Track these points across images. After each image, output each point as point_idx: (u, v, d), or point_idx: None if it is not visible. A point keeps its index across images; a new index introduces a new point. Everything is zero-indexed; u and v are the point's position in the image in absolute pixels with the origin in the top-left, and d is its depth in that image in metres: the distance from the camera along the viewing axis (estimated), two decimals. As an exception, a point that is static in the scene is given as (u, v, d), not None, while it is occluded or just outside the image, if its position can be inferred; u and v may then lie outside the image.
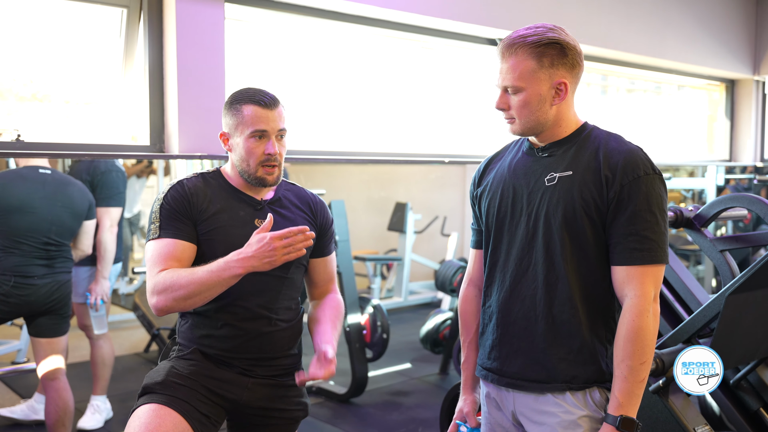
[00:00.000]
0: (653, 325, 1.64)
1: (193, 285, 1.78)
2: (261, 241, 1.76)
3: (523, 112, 1.71)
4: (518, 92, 1.70)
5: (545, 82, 1.69)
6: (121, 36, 3.06)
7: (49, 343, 3.30)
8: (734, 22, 5.82)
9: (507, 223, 1.80)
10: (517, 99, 1.71)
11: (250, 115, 1.92)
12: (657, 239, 1.65)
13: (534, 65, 1.67)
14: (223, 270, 1.78)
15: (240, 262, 1.76)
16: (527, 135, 1.77)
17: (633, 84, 5.86)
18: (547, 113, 1.72)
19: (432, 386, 4.88)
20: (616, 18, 4.85)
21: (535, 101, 1.70)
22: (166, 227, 1.89)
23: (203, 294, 1.80)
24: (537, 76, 1.68)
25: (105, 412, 3.97)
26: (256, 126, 1.92)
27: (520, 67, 1.68)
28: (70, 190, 3.38)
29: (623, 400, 1.64)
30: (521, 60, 1.68)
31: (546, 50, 1.67)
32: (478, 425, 1.92)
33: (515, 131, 1.77)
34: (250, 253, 1.76)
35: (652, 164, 1.69)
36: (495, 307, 1.82)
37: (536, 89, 1.69)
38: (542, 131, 1.75)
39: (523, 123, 1.73)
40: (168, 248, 1.87)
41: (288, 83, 3.68)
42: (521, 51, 1.68)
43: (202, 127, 3.05)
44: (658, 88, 6.09)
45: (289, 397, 2.04)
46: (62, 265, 3.34)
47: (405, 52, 4.22)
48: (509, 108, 1.73)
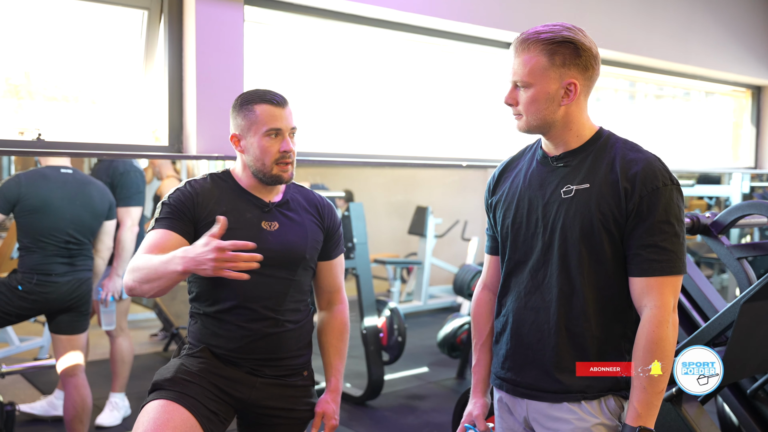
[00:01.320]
0: (672, 336, 1.63)
1: (147, 269, 1.75)
2: (205, 245, 1.66)
3: (531, 109, 1.70)
4: (527, 88, 1.69)
5: (555, 81, 1.67)
6: (141, 37, 3.11)
7: (69, 340, 3.34)
8: (760, 28, 5.74)
9: (522, 234, 1.79)
10: (526, 95, 1.70)
11: (263, 114, 1.94)
12: (676, 250, 1.64)
13: (545, 62, 1.66)
14: (168, 262, 1.71)
15: (182, 260, 1.69)
16: (533, 133, 1.76)
17: (661, 90, 5.81)
18: (555, 113, 1.70)
19: (448, 390, 4.87)
20: (640, 23, 4.82)
21: (543, 99, 1.68)
22: (162, 220, 1.91)
23: (156, 282, 1.74)
24: (547, 74, 1.67)
25: (123, 410, 4.02)
26: (271, 124, 1.94)
27: (531, 62, 1.67)
28: (91, 189, 3.43)
29: (642, 410, 1.62)
30: (533, 56, 1.67)
31: (559, 49, 1.66)
32: (487, 430, 1.90)
33: (521, 128, 1.75)
34: (191, 255, 1.67)
35: (669, 174, 1.68)
36: (509, 318, 1.82)
37: (545, 87, 1.67)
38: (549, 131, 1.74)
39: (529, 120, 1.72)
40: (156, 238, 1.87)
41: (308, 85, 3.70)
42: (534, 47, 1.67)
43: (220, 128, 3.07)
44: (686, 95, 6.03)
45: (298, 398, 2.05)
46: (83, 263, 3.39)
47: (424, 55, 4.22)
48: (517, 104, 1.72)
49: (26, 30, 2.95)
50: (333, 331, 2.17)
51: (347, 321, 2.20)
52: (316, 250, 2.08)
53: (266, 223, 1.99)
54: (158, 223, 1.91)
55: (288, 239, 2.00)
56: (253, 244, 1.71)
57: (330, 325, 2.17)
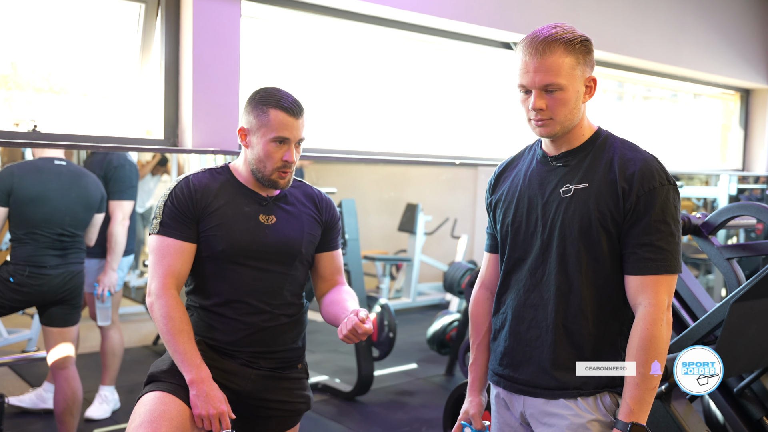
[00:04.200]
0: (666, 334, 1.66)
1: (164, 333, 1.93)
2: (219, 403, 1.88)
3: (563, 111, 1.68)
4: (560, 90, 1.66)
5: (581, 80, 1.69)
6: (138, 31, 3.10)
7: (60, 332, 3.34)
8: (751, 31, 5.79)
9: (522, 232, 1.81)
10: (557, 98, 1.67)
11: (276, 120, 1.94)
12: (671, 249, 1.67)
13: (573, 62, 1.66)
14: (183, 363, 1.90)
15: (192, 382, 1.88)
16: (560, 135, 1.74)
17: (649, 91, 5.85)
18: (580, 111, 1.72)
19: (437, 387, 4.90)
20: (632, 24, 4.85)
21: (574, 99, 1.68)
22: (167, 225, 1.94)
23: (165, 341, 1.94)
24: (575, 74, 1.67)
25: (113, 403, 4.02)
26: (280, 133, 1.95)
27: (560, 64, 1.65)
28: (85, 181, 3.43)
29: (635, 407, 1.65)
30: (560, 57, 1.65)
31: (580, 47, 1.67)
32: (483, 428, 1.92)
33: (550, 132, 1.71)
34: (205, 392, 1.88)
35: (667, 174, 1.70)
36: (508, 315, 1.84)
37: (575, 86, 1.68)
38: (570, 132, 1.74)
39: (560, 122, 1.69)
40: (168, 249, 1.93)
41: (301, 81, 3.71)
42: (559, 49, 1.65)
43: (216, 123, 3.08)
44: (674, 96, 6.08)
45: (292, 390, 2.07)
46: (75, 255, 3.38)
47: (418, 53, 4.24)
48: (547, 108, 1.69)
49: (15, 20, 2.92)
50: (342, 293, 2.11)
51: (354, 292, 2.16)
52: (313, 244, 2.10)
53: (264, 216, 2.01)
54: (165, 230, 1.94)
55: (285, 233, 2.02)
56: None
57: (337, 291, 2.13)
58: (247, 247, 1.96)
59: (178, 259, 1.93)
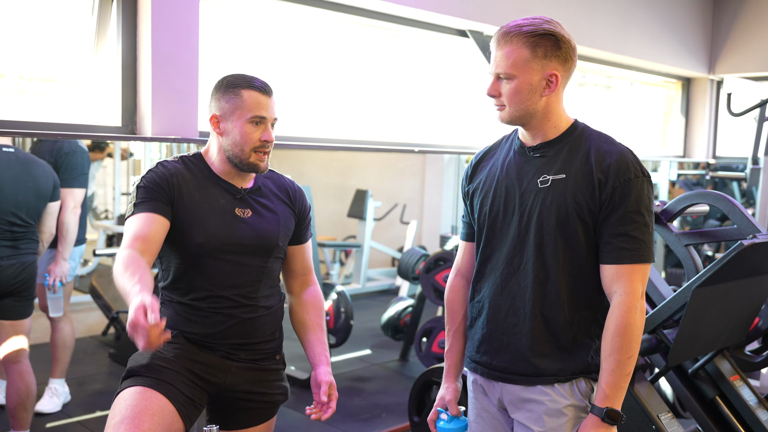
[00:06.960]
0: (640, 321, 1.70)
1: (122, 289, 1.68)
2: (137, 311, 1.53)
3: (514, 100, 1.75)
4: (510, 80, 1.73)
5: (537, 72, 1.72)
6: (93, 14, 3.00)
7: (13, 325, 3.23)
8: (693, 21, 5.97)
9: (499, 221, 1.84)
10: (509, 86, 1.74)
11: (249, 100, 1.92)
12: (645, 239, 1.72)
13: (528, 54, 1.71)
14: (127, 295, 1.62)
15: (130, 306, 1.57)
16: (515, 124, 1.81)
17: (584, 78, 5.95)
18: (537, 103, 1.75)
19: (393, 372, 4.94)
20: (583, 13, 4.94)
21: (526, 90, 1.73)
22: (141, 203, 1.87)
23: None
24: (530, 66, 1.72)
25: (63, 396, 3.93)
26: (256, 112, 1.92)
27: (514, 55, 1.72)
28: (35, 169, 3.31)
29: (610, 392, 1.70)
30: (516, 48, 1.71)
31: (540, 41, 1.71)
32: (459, 413, 1.96)
33: (503, 119, 1.80)
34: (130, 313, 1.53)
35: (641, 166, 1.75)
36: (485, 303, 1.86)
37: (528, 78, 1.72)
38: (530, 122, 1.78)
39: (512, 111, 1.76)
40: (139, 226, 1.83)
41: (258, 66, 3.65)
42: (516, 40, 1.72)
43: (176, 110, 3.00)
44: (608, 85, 6.21)
45: (271, 381, 2.06)
46: (27, 246, 3.27)
47: (375, 40, 4.22)
48: (500, 95, 1.77)
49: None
50: (312, 309, 2.16)
51: (323, 300, 2.22)
52: (288, 237, 2.08)
53: (239, 210, 1.98)
54: (138, 208, 1.86)
55: (261, 227, 1.99)
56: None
57: (307, 304, 2.17)
58: (224, 242, 1.93)
59: (146, 226, 1.83)
